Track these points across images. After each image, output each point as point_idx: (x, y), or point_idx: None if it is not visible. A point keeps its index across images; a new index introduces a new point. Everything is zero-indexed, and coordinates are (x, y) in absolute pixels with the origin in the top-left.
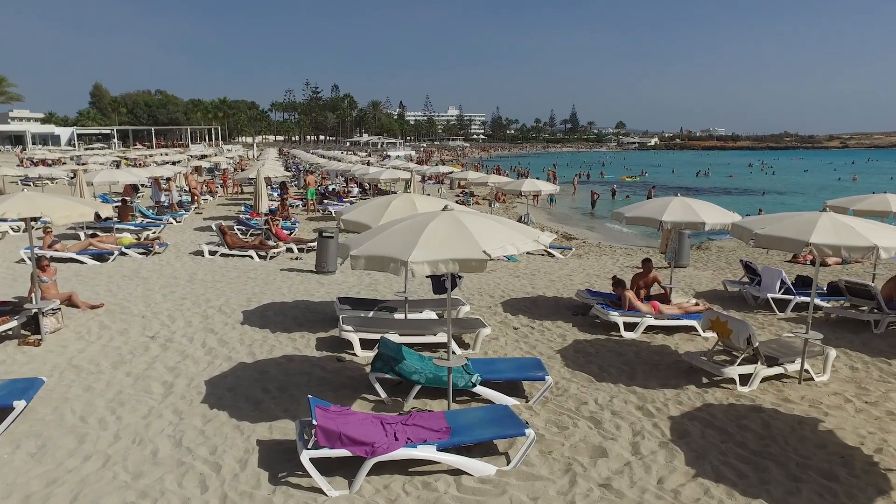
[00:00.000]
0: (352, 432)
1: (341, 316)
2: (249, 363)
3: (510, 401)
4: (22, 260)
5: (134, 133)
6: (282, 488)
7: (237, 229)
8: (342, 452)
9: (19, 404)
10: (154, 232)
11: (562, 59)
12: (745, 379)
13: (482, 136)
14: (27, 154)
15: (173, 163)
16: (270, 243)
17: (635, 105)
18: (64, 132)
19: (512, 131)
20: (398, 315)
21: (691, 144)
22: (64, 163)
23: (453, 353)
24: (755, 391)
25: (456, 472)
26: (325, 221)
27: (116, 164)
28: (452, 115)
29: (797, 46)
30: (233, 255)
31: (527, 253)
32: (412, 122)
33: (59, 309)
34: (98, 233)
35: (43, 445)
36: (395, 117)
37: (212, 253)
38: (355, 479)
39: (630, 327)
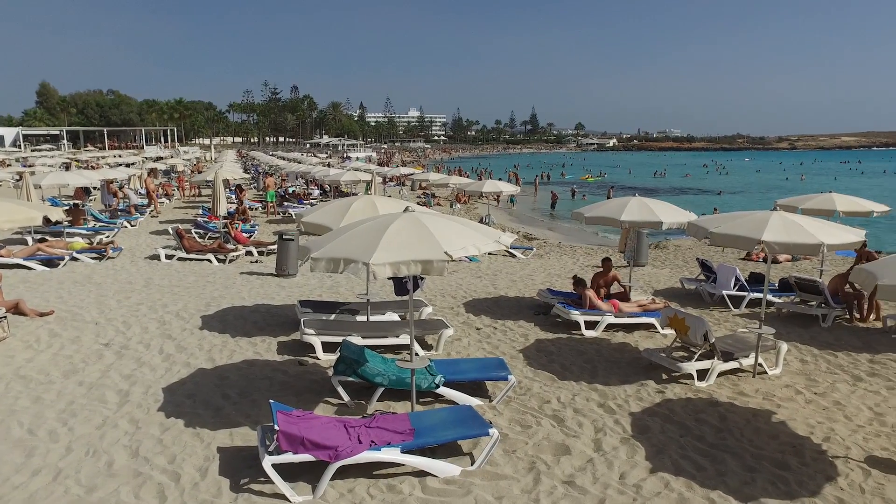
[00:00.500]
0: (315, 436)
1: (303, 319)
2: (209, 369)
3: (474, 401)
4: None
5: (85, 134)
6: (244, 496)
7: (195, 232)
8: (305, 457)
9: None
10: (107, 236)
11: (522, 61)
12: (703, 374)
13: (443, 138)
14: None
15: (127, 165)
16: (229, 246)
17: (594, 107)
18: (8, 133)
19: (472, 133)
20: (360, 317)
21: (648, 145)
22: (9, 164)
23: (416, 355)
24: (712, 386)
25: (421, 474)
26: (286, 224)
27: (66, 166)
28: (413, 117)
29: (749, 51)
30: (190, 259)
31: (488, 253)
32: (373, 124)
33: (5, 317)
34: (47, 237)
35: None
36: (356, 119)
37: (168, 257)
38: (319, 484)
39: (591, 326)
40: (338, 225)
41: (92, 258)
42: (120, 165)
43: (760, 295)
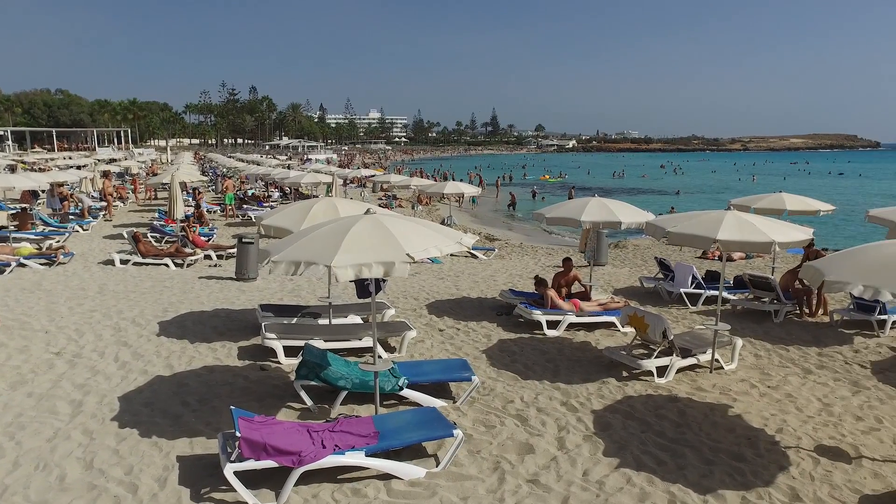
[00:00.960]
0: (277, 442)
1: (264, 323)
2: (167, 376)
3: (438, 402)
4: None
5: (32, 135)
6: None
7: (151, 236)
8: (268, 463)
9: None
10: (57, 241)
11: (482, 62)
12: (662, 371)
13: (404, 139)
14: None
15: (79, 167)
16: (187, 250)
17: (554, 108)
18: None
19: (434, 134)
20: (322, 321)
21: (607, 146)
22: None
23: (379, 358)
24: (671, 382)
25: (385, 477)
26: (245, 227)
27: (12, 168)
28: (374, 118)
29: (704, 54)
30: (147, 264)
31: (450, 255)
32: (333, 125)
33: None
34: None
35: None
36: (316, 120)
37: (123, 262)
38: (283, 490)
39: (553, 325)
40: (298, 228)
41: (41, 264)
42: (70, 168)
43: (716, 292)
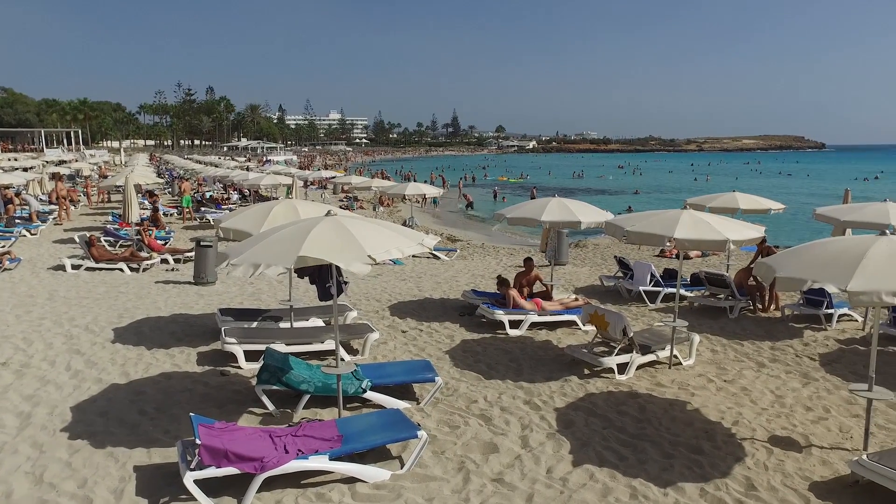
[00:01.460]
0: (239, 448)
1: (223, 328)
2: (123, 384)
3: (401, 404)
4: None
5: None
6: None
7: (104, 241)
8: (230, 470)
9: None
10: (3, 246)
11: (442, 63)
12: (623, 367)
13: (365, 140)
14: None
15: (25, 169)
16: (143, 254)
17: (514, 109)
18: None
19: (395, 135)
20: (284, 324)
21: (567, 147)
22: None
23: (342, 360)
24: (632, 378)
25: (350, 481)
26: (203, 230)
27: None
28: (334, 119)
29: (658, 55)
30: (100, 269)
31: (412, 256)
32: (293, 126)
33: None
34: None
35: None
36: (275, 121)
37: (75, 267)
38: (245, 498)
39: (515, 325)
40: (258, 230)
41: None
42: (16, 169)
43: (674, 290)
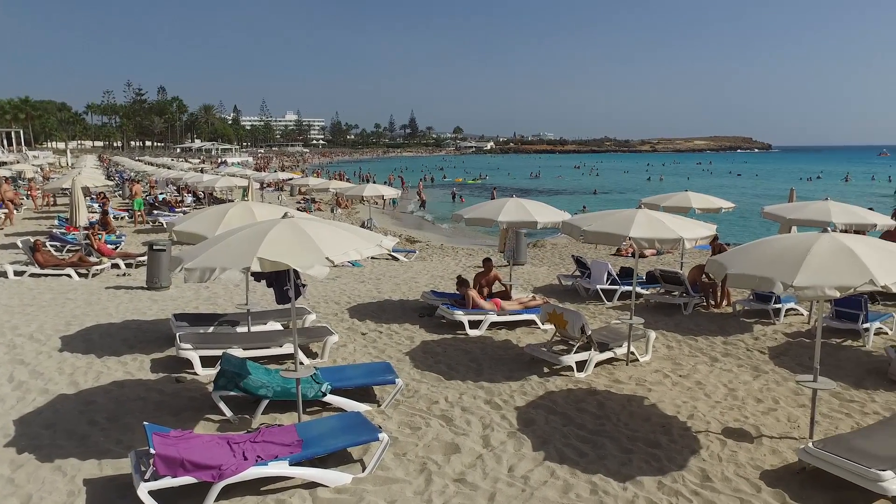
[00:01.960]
0: (195, 457)
1: (178, 333)
2: (71, 394)
3: (362, 407)
4: None
5: None
6: None
7: (50, 245)
8: (186, 480)
9: None
10: None
11: (400, 65)
12: (582, 365)
13: (322, 142)
14: None
15: None
16: (92, 259)
17: (471, 111)
18: None
19: (352, 136)
20: (241, 328)
21: (524, 148)
22: None
23: (301, 364)
24: (590, 376)
25: (311, 486)
26: (156, 233)
27: None
28: (291, 121)
29: (613, 56)
30: (46, 275)
31: (371, 258)
32: (248, 128)
33: None
34: None
35: None
36: (230, 122)
37: (18, 273)
38: None
39: (475, 325)
40: (213, 233)
41: None
42: None
43: (630, 288)
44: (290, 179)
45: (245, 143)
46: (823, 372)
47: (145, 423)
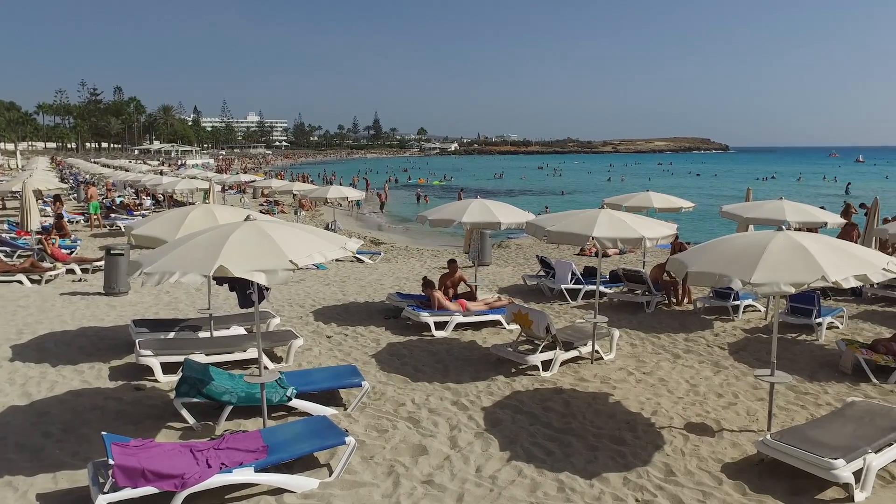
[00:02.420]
0: (157, 466)
1: (138, 340)
2: (23, 405)
3: (328, 411)
4: None
5: None
6: None
7: None
8: (147, 490)
9: None
10: None
11: (363, 66)
12: (547, 364)
13: (285, 143)
14: None
15: None
16: (45, 265)
17: (435, 112)
18: None
19: (315, 138)
20: (203, 333)
21: (488, 149)
22: None
23: (265, 368)
24: (556, 375)
25: (277, 492)
26: (114, 237)
27: None
28: (253, 122)
29: (574, 59)
30: None
31: (336, 260)
32: (209, 129)
33: None
34: None
35: None
36: (190, 123)
37: None
38: None
39: (440, 326)
40: (173, 237)
41: None
42: None
43: (594, 287)
44: (253, 182)
45: (206, 145)
46: (780, 366)
47: (103, 433)
